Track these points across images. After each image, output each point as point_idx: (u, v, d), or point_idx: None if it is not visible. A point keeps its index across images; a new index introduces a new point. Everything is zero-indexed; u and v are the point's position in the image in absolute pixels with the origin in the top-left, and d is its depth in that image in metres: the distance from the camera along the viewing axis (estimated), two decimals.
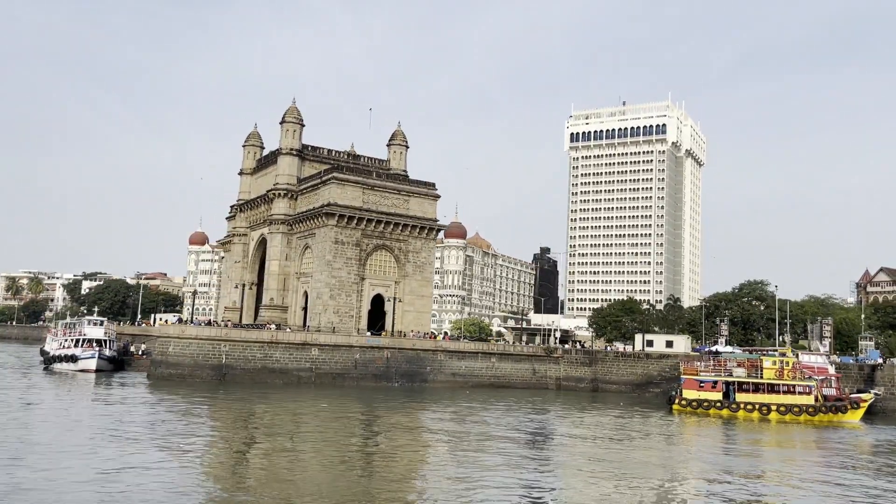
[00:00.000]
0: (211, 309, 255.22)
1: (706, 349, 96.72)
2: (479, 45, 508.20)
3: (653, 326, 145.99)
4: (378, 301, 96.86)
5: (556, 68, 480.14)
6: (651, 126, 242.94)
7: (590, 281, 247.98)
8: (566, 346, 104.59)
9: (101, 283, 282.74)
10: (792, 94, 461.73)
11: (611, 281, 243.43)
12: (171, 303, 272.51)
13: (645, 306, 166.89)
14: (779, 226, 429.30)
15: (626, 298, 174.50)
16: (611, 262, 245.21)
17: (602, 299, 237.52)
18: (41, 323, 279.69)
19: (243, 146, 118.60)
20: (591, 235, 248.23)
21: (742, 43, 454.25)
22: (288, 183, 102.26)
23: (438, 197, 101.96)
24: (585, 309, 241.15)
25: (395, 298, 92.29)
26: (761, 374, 66.11)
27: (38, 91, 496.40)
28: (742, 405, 65.08)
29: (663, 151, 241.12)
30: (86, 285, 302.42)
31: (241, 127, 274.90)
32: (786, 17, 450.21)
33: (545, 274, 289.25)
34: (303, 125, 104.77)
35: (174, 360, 75.05)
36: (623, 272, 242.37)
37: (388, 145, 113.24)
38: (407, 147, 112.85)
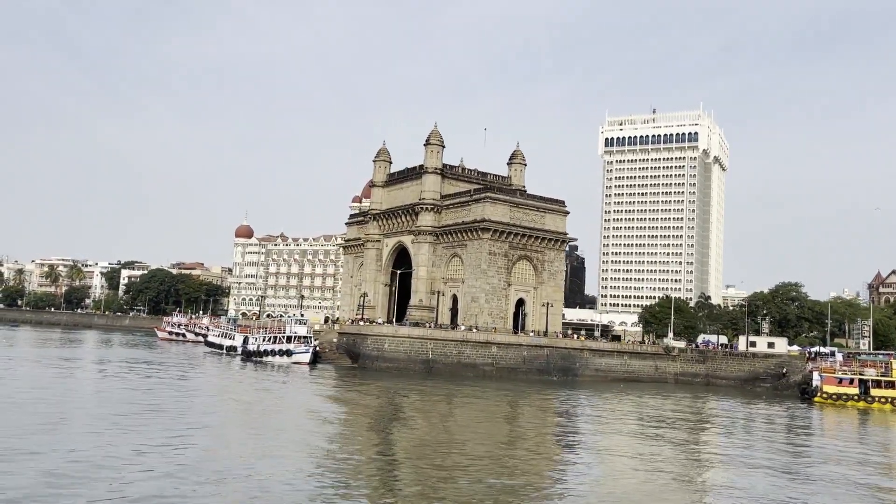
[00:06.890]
0: (257, 299, 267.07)
1: (808, 349, 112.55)
2: (462, 37, 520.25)
3: (695, 323, 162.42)
4: (519, 304, 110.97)
5: (593, 65, 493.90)
6: (683, 134, 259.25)
7: (622, 279, 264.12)
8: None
9: (145, 272, 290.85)
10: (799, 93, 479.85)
11: (643, 279, 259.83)
12: (214, 292, 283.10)
13: (680, 301, 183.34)
14: (791, 228, 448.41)
15: (663, 297, 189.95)
16: (643, 262, 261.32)
17: (634, 296, 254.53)
18: (81, 310, 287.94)
19: (374, 161, 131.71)
20: (625, 235, 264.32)
21: (735, 33, 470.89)
22: (433, 199, 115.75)
23: (568, 213, 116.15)
24: (618, 305, 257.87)
25: (548, 304, 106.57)
26: (891, 373, 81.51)
27: (70, 81, 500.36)
28: (877, 398, 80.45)
29: (694, 158, 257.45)
30: (124, 274, 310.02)
31: (221, 107, 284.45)
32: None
33: (574, 270, 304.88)
34: (443, 146, 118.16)
35: (390, 356, 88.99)
36: (655, 271, 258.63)
37: (508, 164, 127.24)
38: (525, 165, 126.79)
